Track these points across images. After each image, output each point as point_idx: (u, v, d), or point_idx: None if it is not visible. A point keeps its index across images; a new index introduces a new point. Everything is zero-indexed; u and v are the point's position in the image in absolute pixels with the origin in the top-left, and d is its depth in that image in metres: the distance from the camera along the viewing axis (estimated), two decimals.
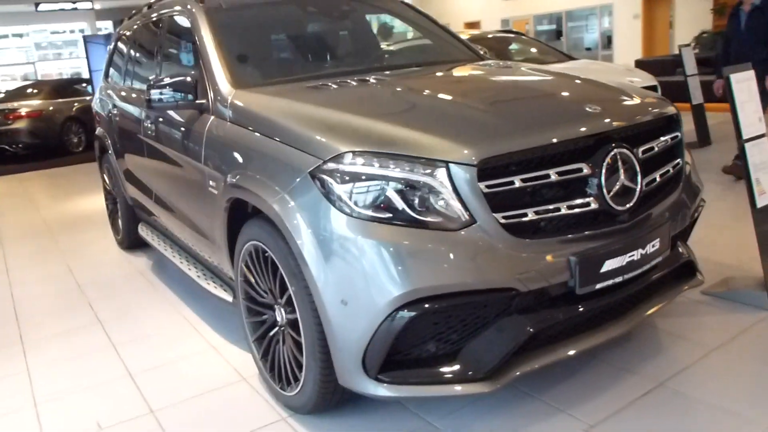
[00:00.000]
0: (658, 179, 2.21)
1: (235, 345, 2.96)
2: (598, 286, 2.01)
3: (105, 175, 4.86)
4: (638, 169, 2.08)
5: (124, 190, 4.33)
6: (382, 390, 1.91)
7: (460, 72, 2.94)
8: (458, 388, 1.89)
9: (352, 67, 3.03)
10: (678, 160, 2.33)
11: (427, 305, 1.82)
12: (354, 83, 2.61)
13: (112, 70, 4.85)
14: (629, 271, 2.07)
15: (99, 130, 4.71)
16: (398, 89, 2.57)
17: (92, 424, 2.41)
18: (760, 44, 5.07)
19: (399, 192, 1.86)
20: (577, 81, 2.62)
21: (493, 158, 1.86)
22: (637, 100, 2.34)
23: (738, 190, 4.86)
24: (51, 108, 10.94)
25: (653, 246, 2.13)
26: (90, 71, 9.88)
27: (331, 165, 1.91)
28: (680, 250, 2.42)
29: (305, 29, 3.40)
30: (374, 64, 3.23)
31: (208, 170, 2.61)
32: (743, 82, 2.76)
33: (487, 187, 1.84)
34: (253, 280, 2.41)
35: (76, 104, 11.40)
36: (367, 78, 2.67)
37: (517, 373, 1.92)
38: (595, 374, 2.41)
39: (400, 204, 1.85)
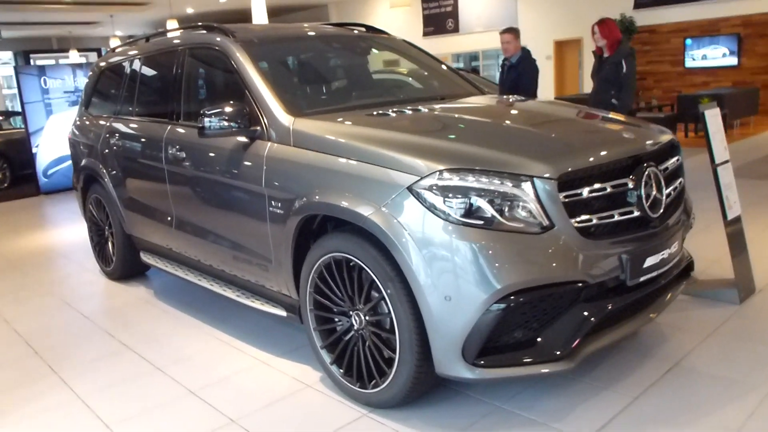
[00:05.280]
0: (672, 193, 2.69)
1: (283, 358, 3.13)
2: (642, 278, 2.43)
3: (91, 206, 4.83)
4: (663, 183, 2.55)
5: (122, 219, 4.36)
6: (478, 374, 2.21)
7: (494, 103, 3.37)
8: (543, 368, 2.23)
9: (388, 98, 3.37)
10: (681, 179, 2.83)
11: (519, 298, 2.16)
12: (409, 112, 2.95)
13: (95, 100, 4.90)
14: (661, 267, 2.52)
15: (87, 161, 4.69)
16: (454, 116, 2.95)
17: None
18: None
19: (490, 202, 2.20)
20: (600, 113, 3.12)
21: (569, 173, 2.26)
22: (651, 129, 2.83)
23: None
24: None
25: (674, 247, 2.60)
26: (22, 104, 9.45)
27: (429, 181, 2.23)
28: (684, 252, 2.91)
29: (333, 63, 3.71)
30: (404, 96, 3.58)
31: (270, 192, 2.82)
32: (713, 117, 3.36)
33: (565, 197, 2.23)
34: (327, 291, 2.64)
35: None
36: (418, 108, 3.02)
37: (587, 352, 2.29)
38: (623, 359, 2.83)
39: (491, 212, 2.19)
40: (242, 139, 3.02)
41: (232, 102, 2.98)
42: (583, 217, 2.28)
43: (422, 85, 3.88)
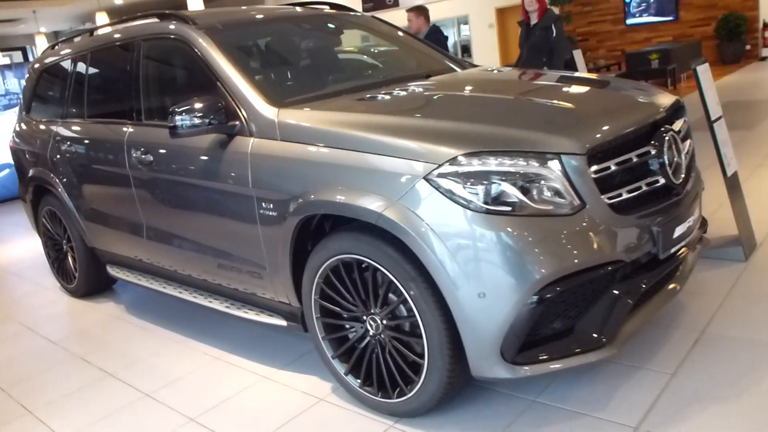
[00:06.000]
0: (686, 157, 2.55)
1: (285, 370, 2.89)
2: (672, 250, 2.30)
3: (45, 219, 4.41)
4: (681, 147, 2.41)
5: (83, 232, 3.98)
6: (520, 373, 2.03)
7: (489, 77, 3.16)
8: (588, 357, 2.06)
9: (370, 80, 3.12)
10: (690, 140, 2.70)
11: (559, 287, 1.98)
12: (403, 93, 2.71)
13: (37, 103, 4.46)
14: (688, 235, 2.39)
15: (35, 170, 4.26)
16: (453, 94, 2.73)
17: None
18: None
19: (518, 185, 2.00)
20: (601, 78, 2.96)
21: (597, 146, 2.08)
22: (656, 90, 2.68)
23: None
24: None
25: (696, 212, 2.48)
26: None
27: (448, 168, 2.01)
28: None
29: (306, 45, 3.42)
30: (387, 76, 3.31)
31: (259, 193, 2.55)
32: (705, 73, 3.24)
33: (595, 172, 2.05)
34: (336, 296, 2.41)
35: None
36: (409, 87, 2.79)
37: (626, 334, 2.14)
38: (646, 333, 2.70)
39: (519, 196, 2.00)
40: (219, 136, 2.73)
41: (204, 96, 2.68)
42: (614, 191, 2.11)
43: (403, 62, 3.61)
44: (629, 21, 15.47)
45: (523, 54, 5.80)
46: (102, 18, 15.84)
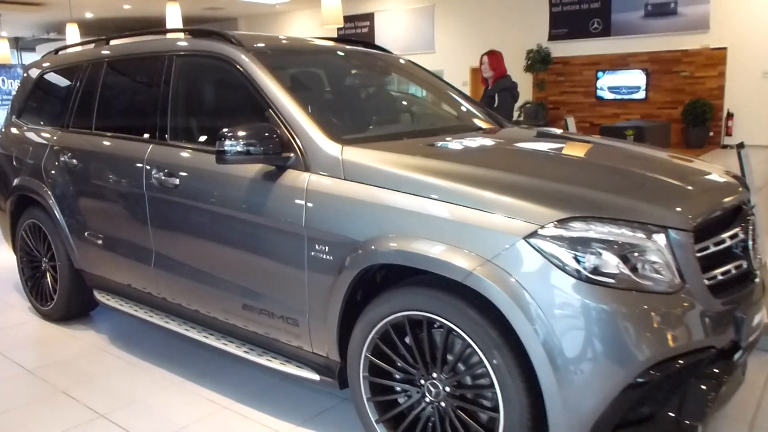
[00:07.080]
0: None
1: (306, 427, 2.63)
2: (752, 337, 2.21)
3: (25, 233, 4.02)
4: (757, 231, 2.36)
5: (72, 252, 3.63)
6: None
7: (552, 136, 3.10)
8: None
9: (427, 126, 3.00)
10: None
11: (659, 370, 1.85)
12: (475, 144, 2.58)
13: (30, 109, 4.15)
14: (762, 324, 2.31)
15: (23, 179, 3.90)
16: (532, 150, 2.64)
17: None
18: None
19: (621, 256, 1.88)
20: (675, 153, 2.89)
21: (701, 223, 1.99)
22: (724, 170, 2.64)
23: None
24: None
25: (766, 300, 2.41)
26: None
27: (552, 230, 1.87)
28: None
29: (356, 82, 3.27)
30: (442, 125, 3.20)
31: (314, 233, 2.34)
32: (747, 157, 3.27)
33: (699, 250, 1.96)
34: (393, 354, 2.21)
35: None
36: (477, 138, 2.67)
37: (705, 423, 2.01)
38: None
39: (623, 268, 1.87)
40: (266, 166, 2.52)
41: (257, 123, 2.49)
42: (711, 272, 2.02)
43: (450, 112, 3.49)
44: (600, 95, 16.08)
45: None
46: (72, 29, 15.28)
